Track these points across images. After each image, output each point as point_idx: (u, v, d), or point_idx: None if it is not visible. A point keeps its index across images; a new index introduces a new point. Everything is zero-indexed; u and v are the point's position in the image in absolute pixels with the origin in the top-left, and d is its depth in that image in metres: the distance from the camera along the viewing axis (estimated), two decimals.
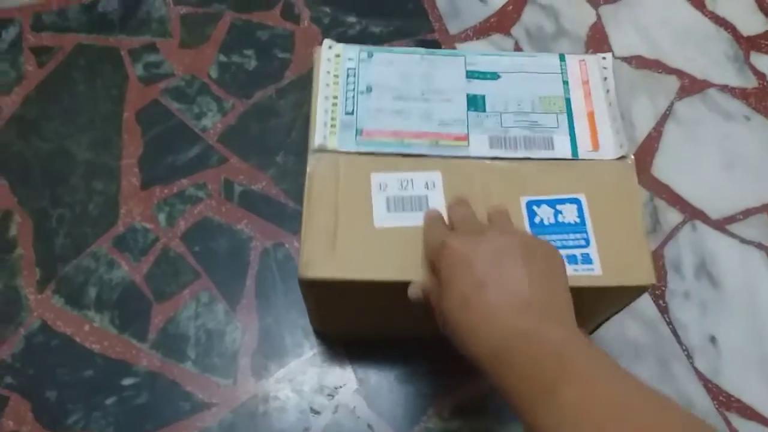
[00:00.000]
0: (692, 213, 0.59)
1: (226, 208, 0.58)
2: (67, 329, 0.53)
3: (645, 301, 0.55)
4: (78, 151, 0.60)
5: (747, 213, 0.59)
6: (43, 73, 0.64)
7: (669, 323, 0.54)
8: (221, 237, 0.57)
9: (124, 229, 0.57)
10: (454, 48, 0.66)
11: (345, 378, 0.52)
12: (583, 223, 0.43)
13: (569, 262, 0.42)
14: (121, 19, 0.68)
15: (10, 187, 0.58)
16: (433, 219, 0.41)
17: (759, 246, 0.57)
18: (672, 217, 0.58)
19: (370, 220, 0.43)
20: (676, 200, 0.59)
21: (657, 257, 0.57)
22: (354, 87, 0.48)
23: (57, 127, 0.61)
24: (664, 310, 0.55)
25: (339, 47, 0.49)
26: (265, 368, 0.52)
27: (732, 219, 0.58)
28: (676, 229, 0.58)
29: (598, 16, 0.69)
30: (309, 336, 0.53)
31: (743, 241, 0.57)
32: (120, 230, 0.57)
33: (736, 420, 0.51)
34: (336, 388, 0.51)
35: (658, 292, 0.55)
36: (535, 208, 0.44)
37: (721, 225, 0.58)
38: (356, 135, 0.46)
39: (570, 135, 0.46)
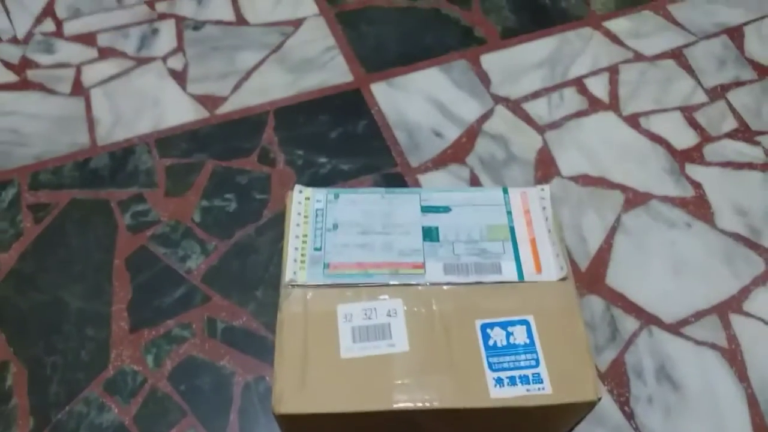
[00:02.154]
0: (647, 319, 0.62)
1: (210, 346, 0.61)
2: None
3: (611, 409, 0.57)
4: (71, 300, 0.65)
5: (698, 315, 0.63)
6: (40, 228, 0.70)
7: (635, 429, 0.56)
8: (205, 374, 0.60)
9: (114, 372, 0.60)
10: (416, 179, 0.73)
11: None
12: (532, 343, 0.47)
13: (522, 383, 0.45)
14: (111, 173, 0.74)
15: (7, 339, 0.62)
16: None
17: (712, 346, 0.61)
18: (629, 324, 0.62)
19: (338, 350, 0.47)
20: (631, 308, 0.63)
21: (618, 364, 0.60)
22: (322, 225, 0.54)
23: (52, 279, 0.66)
24: (629, 416, 0.57)
25: (308, 191, 0.56)
26: None
27: (685, 322, 0.62)
28: (634, 335, 0.62)
29: (544, 141, 0.76)
30: None
31: (697, 342, 0.61)
32: (110, 374, 0.60)
33: None
34: None
35: (623, 399, 0.58)
36: (488, 330, 0.48)
37: (675, 329, 0.62)
38: (324, 268, 0.51)
39: (515, 260, 0.51)
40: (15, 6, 0.92)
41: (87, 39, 0.88)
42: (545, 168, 0.73)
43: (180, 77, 0.83)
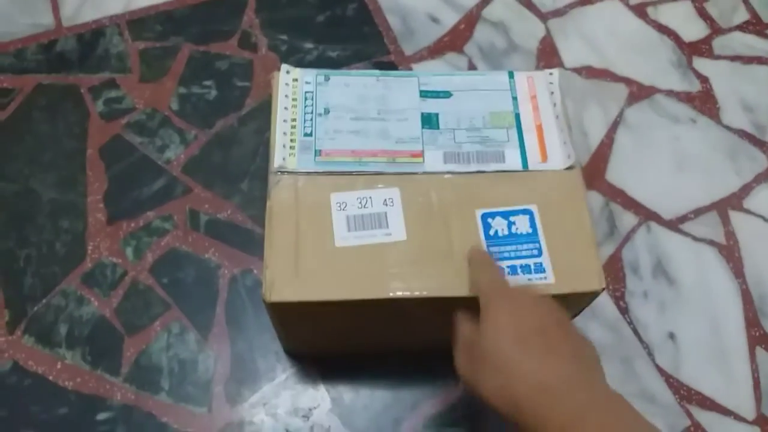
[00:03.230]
0: (646, 215, 0.61)
1: (193, 238, 0.58)
2: (39, 368, 0.53)
3: (606, 303, 0.57)
4: (43, 191, 0.61)
5: (698, 212, 0.61)
6: (4, 115, 0.65)
7: (630, 323, 0.56)
8: (189, 267, 0.57)
9: (92, 265, 0.57)
10: (410, 68, 0.68)
11: (319, 398, 0.52)
12: (535, 233, 0.45)
13: (524, 272, 0.44)
14: (79, 57, 0.68)
15: None
16: (483, 262, 0.42)
17: (711, 243, 0.60)
18: (627, 220, 0.61)
19: (331, 239, 0.44)
20: (630, 204, 0.61)
21: (615, 260, 0.59)
22: (312, 109, 0.50)
23: (21, 168, 0.62)
24: (624, 311, 0.56)
25: (296, 72, 0.51)
26: (239, 394, 0.52)
27: (684, 218, 0.61)
28: (632, 231, 0.60)
29: (547, 30, 0.71)
30: (281, 359, 0.54)
31: (696, 239, 0.60)
32: (88, 267, 0.57)
33: (697, 412, 0.52)
34: (310, 409, 0.52)
35: (618, 294, 0.57)
36: (489, 220, 0.46)
37: (674, 225, 0.60)
38: (315, 155, 0.47)
39: (520, 148, 0.48)
40: None
41: None
42: (547, 58, 0.69)
43: None
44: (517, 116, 0.50)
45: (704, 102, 0.67)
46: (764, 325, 0.56)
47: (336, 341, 0.52)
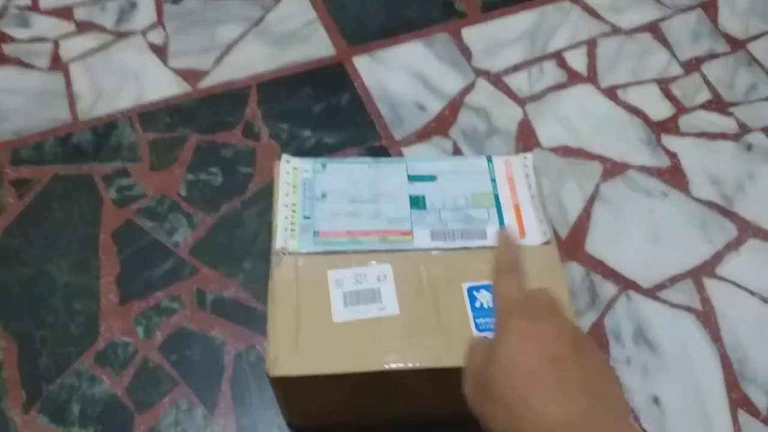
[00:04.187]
0: (625, 284, 0.65)
1: (200, 317, 0.62)
2: None
3: None
4: (58, 274, 0.64)
5: (674, 280, 0.65)
6: (23, 203, 0.70)
7: None
8: (196, 344, 0.60)
9: (104, 344, 0.60)
10: (400, 152, 0.74)
11: None
12: None
13: None
14: (93, 148, 0.74)
15: None
16: (505, 270, 0.39)
17: (687, 309, 0.63)
18: (608, 289, 0.64)
19: (330, 315, 0.48)
20: (610, 273, 0.65)
21: (598, 328, 0.62)
22: (311, 194, 0.54)
23: (37, 253, 0.66)
24: None
25: (296, 161, 0.56)
26: None
27: (661, 286, 0.65)
28: (613, 300, 0.64)
29: (525, 114, 0.77)
30: None
31: (673, 305, 0.63)
32: (101, 346, 0.60)
33: None
34: None
35: None
36: (475, 293, 0.49)
37: (652, 293, 0.64)
38: (314, 236, 0.52)
39: (500, 225, 0.53)
40: None
41: (63, 13, 0.86)
42: (526, 139, 0.75)
43: (161, 51, 0.83)
44: (497, 197, 0.55)
45: (674, 176, 0.72)
46: (744, 387, 0.59)
47: (338, 414, 0.54)
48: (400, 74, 0.81)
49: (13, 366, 0.59)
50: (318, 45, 0.83)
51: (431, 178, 0.56)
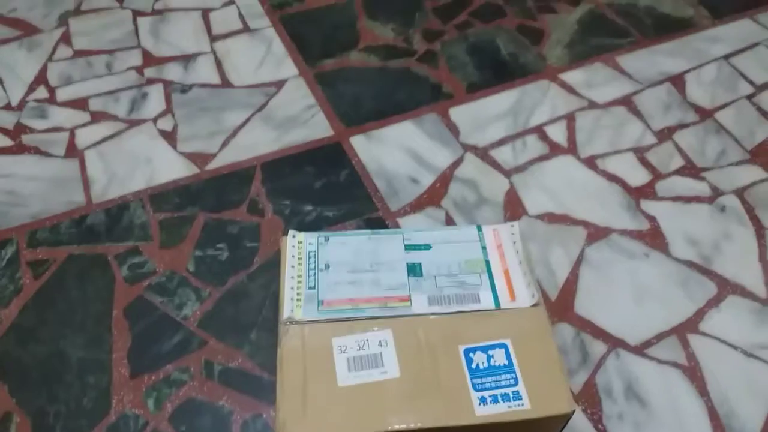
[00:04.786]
0: (614, 342, 0.68)
1: (208, 387, 0.65)
2: None
3: (586, 427, 0.62)
4: (72, 351, 0.67)
5: (659, 337, 0.68)
6: (39, 283, 0.73)
7: None
8: (205, 414, 0.63)
9: (116, 417, 0.63)
10: (396, 222, 0.78)
11: None
12: (511, 364, 0.52)
13: (503, 400, 0.50)
14: (106, 229, 0.78)
15: (9, 390, 0.65)
16: None
17: (674, 365, 0.66)
18: (598, 348, 0.67)
19: (335, 380, 0.51)
20: (599, 333, 0.69)
21: (590, 385, 0.65)
22: (315, 266, 0.58)
23: (52, 331, 0.69)
24: None
25: (301, 235, 0.61)
26: None
27: (648, 343, 0.68)
28: (603, 358, 0.67)
29: (511, 184, 0.83)
30: None
31: (660, 362, 0.66)
32: (113, 419, 0.62)
33: None
34: None
35: (596, 417, 0.63)
36: (471, 354, 0.53)
37: (639, 350, 0.67)
38: (318, 305, 0.55)
39: (492, 290, 0.57)
40: (8, 75, 0.97)
41: (79, 104, 0.93)
42: (513, 208, 0.80)
43: (170, 137, 0.89)
44: (487, 263, 0.59)
45: (654, 238, 0.77)
46: None
47: None
48: (393, 151, 0.87)
49: None
50: (317, 127, 0.90)
51: (426, 246, 0.60)
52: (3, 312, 0.71)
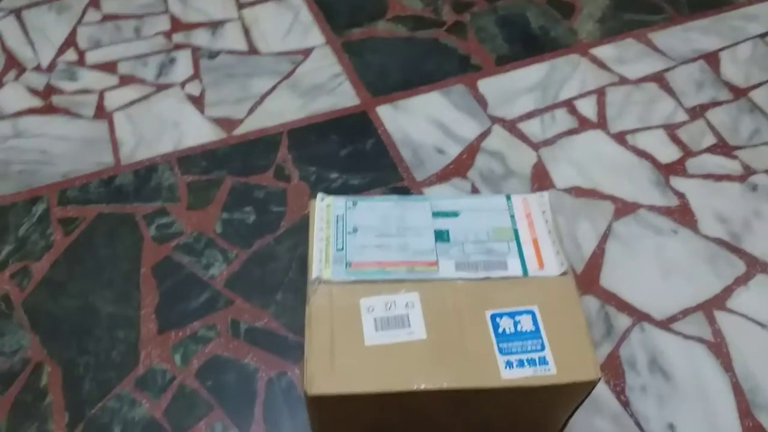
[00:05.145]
0: (639, 316, 0.68)
1: (234, 345, 0.65)
2: None
3: (608, 398, 0.62)
4: (101, 306, 0.69)
5: (686, 312, 0.68)
6: (69, 240, 0.74)
7: (631, 415, 0.61)
8: (231, 371, 0.64)
9: (144, 371, 0.64)
10: (421, 192, 0.78)
11: None
12: (537, 330, 0.52)
13: (529, 365, 0.50)
14: (135, 190, 0.79)
15: (41, 341, 0.66)
16: None
17: (699, 340, 0.66)
18: (622, 321, 0.67)
19: (362, 339, 0.51)
20: (624, 306, 0.68)
21: (614, 358, 0.65)
22: (343, 229, 0.59)
23: (82, 286, 0.70)
24: (625, 404, 0.62)
25: (329, 199, 0.61)
26: None
27: (673, 318, 0.67)
28: (628, 331, 0.67)
29: (539, 157, 0.82)
30: None
31: (685, 337, 0.66)
32: (140, 372, 0.64)
33: None
34: None
35: (618, 389, 0.63)
36: (498, 319, 0.53)
37: (665, 325, 0.67)
38: (346, 267, 0.56)
39: (520, 257, 0.56)
40: (38, 37, 0.97)
41: (108, 67, 0.94)
42: (540, 181, 0.79)
43: (198, 102, 0.89)
44: (516, 231, 0.58)
45: (683, 215, 0.76)
46: (756, 415, 0.61)
47: None
48: (420, 122, 0.86)
49: (58, 390, 0.63)
50: (344, 96, 0.90)
51: (454, 214, 0.60)
52: (34, 266, 0.72)
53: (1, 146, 0.84)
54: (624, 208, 0.77)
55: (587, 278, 0.70)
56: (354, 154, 0.83)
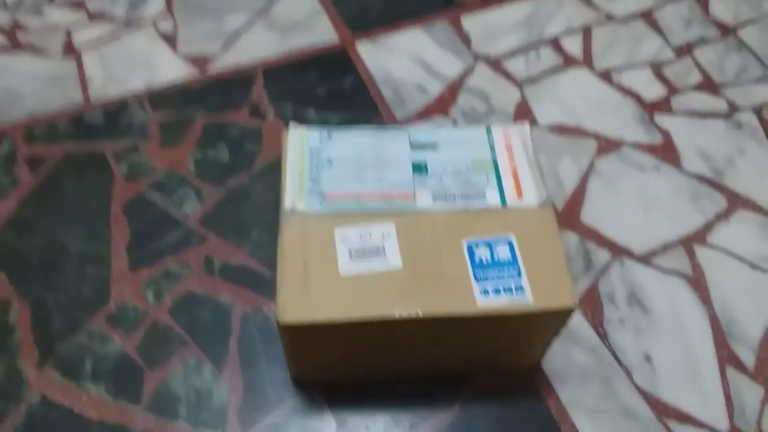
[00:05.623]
0: (619, 251, 0.67)
1: (208, 282, 0.64)
2: (66, 401, 0.57)
3: (586, 330, 0.62)
4: (71, 243, 0.67)
5: (666, 247, 0.67)
6: (37, 179, 0.72)
7: (609, 347, 0.61)
8: (204, 307, 0.63)
9: (115, 307, 0.62)
10: None
11: (325, 423, 0.56)
12: (514, 259, 0.51)
13: (506, 293, 0.49)
14: (105, 127, 0.76)
15: (8, 279, 0.64)
16: None
17: (678, 274, 0.65)
18: (602, 256, 0.67)
19: (336, 268, 0.50)
20: (604, 242, 0.68)
21: (593, 291, 0.64)
22: (317, 160, 0.57)
23: (51, 225, 0.68)
24: (603, 336, 0.61)
25: (304, 129, 0.59)
26: (251, 420, 0.56)
27: (653, 253, 0.67)
28: (607, 265, 0.66)
29: (522, 95, 0.80)
30: (290, 387, 0.58)
31: (665, 271, 0.65)
32: (112, 309, 0.62)
33: (675, 426, 0.56)
34: None
35: (597, 321, 0.62)
36: (474, 248, 0.52)
37: (644, 259, 0.66)
38: (321, 198, 0.54)
39: (498, 189, 0.55)
40: None
41: (76, 4, 0.89)
42: (523, 119, 0.77)
43: (170, 39, 0.86)
44: (495, 162, 0.57)
45: (666, 152, 0.75)
46: (732, 346, 0.61)
47: (341, 367, 0.56)
48: (401, 59, 0.84)
49: (27, 327, 0.61)
50: (322, 32, 0.86)
51: (433, 145, 0.58)
52: (1, 205, 0.70)
53: None
54: (607, 146, 0.75)
55: (568, 215, 0.69)
56: (332, 92, 0.80)
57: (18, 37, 0.86)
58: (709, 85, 0.81)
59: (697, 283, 0.65)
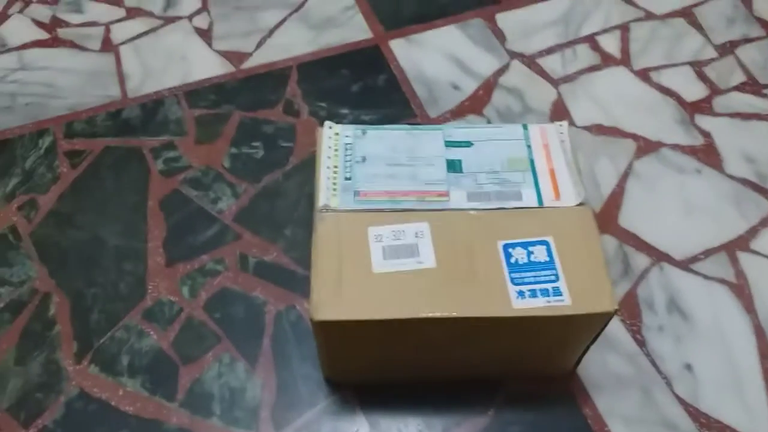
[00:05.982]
0: (659, 256, 0.65)
1: (242, 278, 0.65)
2: (103, 395, 0.58)
3: (624, 337, 0.60)
4: (109, 238, 0.68)
5: (707, 253, 0.65)
6: (76, 173, 0.73)
7: (647, 355, 0.59)
8: (239, 304, 0.63)
9: (152, 303, 0.63)
10: None
11: (357, 424, 0.56)
12: (552, 261, 0.50)
13: (542, 295, 0.48)
14: (142, 123, 0.77)
15: (49, 272, 0.66)
16: None
17: (721, 281, 0.64)
18: (641, 261, 0.65)
19: (370, 266, 0.50)
20: (643, 246, 0.66)
21: (631, 297, 0.63)
22: (351, 158, 0.57)
23: (89, 219, 0.69)
24: (641, 344, 0.60)
25: (338, 127, 0.58)
26: (284, 419, 0.56)
27: (695, 259, 0.65)
28: (646, 271, 0.64)
29: (559, 94, 0.79)
30: (322, 387, 0.58)
31: (707, 277, 0.64)
32: (148, 304, 0.63)
33: None
34: None
35: (635, 328, 0.61)
36: (510, 250, 0.51)
37: (685, 265, 0.65)
38: (354, 196, 0.54)
39: (535, 188, 0.54)
40: None
41: (114, 0, 0.91)
42: (560, 118, 0.76)
43: (205, 35, 0.86)
44: (532, 161, 0.56)
45: (708, 154, 0.73)
46: None
47: (373, 368, 0.56)
48: (435, 56, 0.83)
49: (66, 320, 0.62)
50: (355, 29, 0.86)
51: (467, 144, 0.58)
52: (42, 198, 0.71)
53: (8, 79, 0.82)
54: (646, 147, 0.74)
55: (605, 218, 0.68)
56: (365, 90, 0.80)
57: (58, 33, 0.87)
58: (752, 85, 0.79)
59: (741, 290, 0.63)
